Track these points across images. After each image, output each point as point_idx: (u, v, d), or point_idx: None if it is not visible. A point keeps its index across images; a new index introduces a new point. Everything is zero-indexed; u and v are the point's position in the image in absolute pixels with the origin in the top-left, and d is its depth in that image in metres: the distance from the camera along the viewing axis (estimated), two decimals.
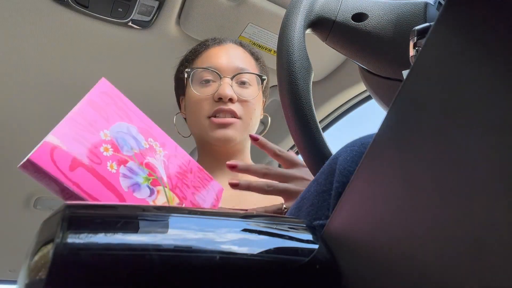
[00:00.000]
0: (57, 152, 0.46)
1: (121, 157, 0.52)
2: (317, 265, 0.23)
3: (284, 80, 0.44)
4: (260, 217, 0.28)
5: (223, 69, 0.80)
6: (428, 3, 0.46)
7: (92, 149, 0.49)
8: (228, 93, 0.77)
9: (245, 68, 0.82)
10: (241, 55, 0.85)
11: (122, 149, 0.53)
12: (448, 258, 0.17)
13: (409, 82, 0.19)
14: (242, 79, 0.82)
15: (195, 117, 0.82)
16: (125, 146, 0.53)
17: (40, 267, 0.19)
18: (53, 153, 0.46)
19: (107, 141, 0.52)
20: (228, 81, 0.79)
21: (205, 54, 0.85)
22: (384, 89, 0.52)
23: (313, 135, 0.43)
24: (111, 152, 0.51)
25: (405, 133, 0.20)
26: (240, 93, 0.80)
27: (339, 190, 0.29)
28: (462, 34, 0.17)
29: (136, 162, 0.54)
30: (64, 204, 0.22)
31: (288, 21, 0.46)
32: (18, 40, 1.13)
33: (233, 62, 0.82)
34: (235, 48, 0.86)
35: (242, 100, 0.80)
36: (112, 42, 1.16)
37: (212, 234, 0.23)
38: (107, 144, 0.51)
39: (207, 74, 0.81)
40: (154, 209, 0.25)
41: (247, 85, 0.82)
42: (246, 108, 0.81)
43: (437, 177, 0.18)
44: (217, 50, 0.84)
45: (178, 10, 1.08)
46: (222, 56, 0.83)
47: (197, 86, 0.81)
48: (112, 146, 0.52)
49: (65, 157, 0.47)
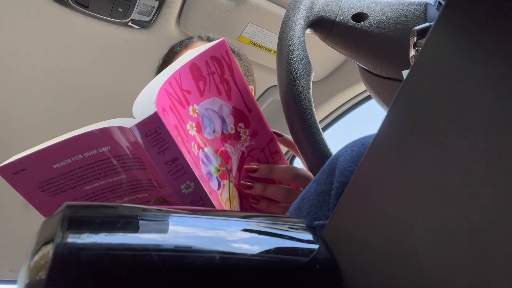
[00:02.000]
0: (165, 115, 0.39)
1: (201, 139, 0.45)
2: (317, 265, 0.23)
3: (284, 80, 0.44)
4: (260, 217, 0.28)
5: None
6: (428, 3, 0.46)
7: (182, 124, 0.42)
8: None
9: None
10: None
11: (205, 130, 0.46)
12: (448, 258, 0.17)
13: (409, 82, 0.19)
14: None
15: None
16: (208, 128, 0.46)
17: (40, 267, 0.19)
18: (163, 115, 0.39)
19: (194, 118, 0.45)
20: None
21: (174, 60, 0.81)
22: (384, 89, 0.52)
23: (313, 135, 0.43)
24: (194, 132, 0.45)
25: (405, 133, 0.20)
26: None
27: (339, 190, 0.29)
28: (462, 34, 0.17)
29: (213, 148, 0.47)
30: (64, 204, 0.22)
31: (288, 21, 0.46)
32: (17, 40, 1.13)
33: None
34: None
35: None
36: (112, 42, 1.16)
37: (212, 234, 0.23)
38: (193, 121, 0.45)
39: None
40: (154, 209, 0.25)
41: None
42: None
43: (437, 177, 0.18)
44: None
45: (178, 10, 1.08)
46: None
47: None
48: (196, 125, 0.45)
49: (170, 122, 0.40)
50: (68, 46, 1.17)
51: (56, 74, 1.27)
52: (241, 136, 0.50)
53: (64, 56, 1.21)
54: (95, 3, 1.02)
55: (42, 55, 1.19)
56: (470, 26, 0.16)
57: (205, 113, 0.46)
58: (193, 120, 0.45)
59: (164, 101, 0.40)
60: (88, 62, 1.24)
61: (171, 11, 1.07)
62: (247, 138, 0.50)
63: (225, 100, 0.48)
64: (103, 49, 1.19)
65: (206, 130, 0.46)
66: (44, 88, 1.32)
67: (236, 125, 0.49)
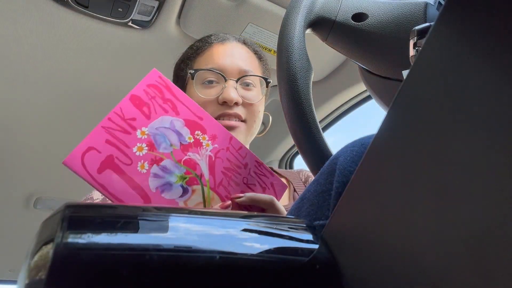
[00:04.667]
0: (88, 155, 0.48)
1: (155, 155, 0.51)
2: (317, 265, 0.23)
3: (284, 80, 0.44)
4: (260, 217, 0.28)
5: (228, 71, 0.78)
6: (428, 3, 0.46)
7: (124, 150, 0.50)
8: (234, 97, 0.75)
9: (249, 70, 0.80)
10: (245, 55, 0.83)
11: (159, 146, 0.52)
12: (448, 258, 0.17)
13: (409, 82, 0.19)
14: (246, 81, 0.80)
15: None
16: (163, 143, 0.52)
17: (40, 267, 0.19)
18: (84, 157, 0.48)
19: (143, 139, 0.51)
20: (233, 84, 0.77)
21: (208, 52, 0.82)
22: (384, 89, 0.52)
23: (313, 135, 0.43)
24: (145, 151, 0.51)
25: (405, 133, 0.20)
26: (245, 95, 0.78)
27: (339, 190, 0.29)
28: (462, 34, 0.17)
29: (173, 160, 0.52)
30: (64, 204, 0.22)
31: (288, 21, 0.46)
32: (17, 40, 1.13)
33: (237, 63, 0.79)
34: (239, 47, 0.84)
35: (246, 103, 0.78)
36: (112, 42, 1.16)
37: (212, 234, 0.23)
38: (142, 143, 0.51)
39: (210, 75, 0.79)
40: (154, 209, 0.25)
41: (251, 87, 0.80)
42: (251, 110, 0.79)
43: (437, 176, 0.18)
44: (221, 49, 0.82)
45: (178, 10, 1.08)
46: (226, 56, 0.80)
47: (200, 86, 0.79)
48: (148, 145, 0.51)
49: (95, 160, 0.48)
50: (68, 46, 1.17)
51: (56, 74, 1.27)
52: (202, 142, 0.55)
53: (64, 56, 1.21)
54: (95, 3, 1.02)
55: (42, 55, 1.19)
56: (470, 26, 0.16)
57: (156, 132, 0.52)
58: (143, 141, 0.51)
59: (98, 137, 0.49)
60: (88, 62, 1.24)
61: (171, 11, 1.07)
62: (208, 143, 0.55)
63: (174, 116, 0.54)
64: (103, 49, 1.19)
65: (162, 146, 0.52)
66: (44, 88, 1.32)
67: (193, 134, 0.54)
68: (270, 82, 0.83)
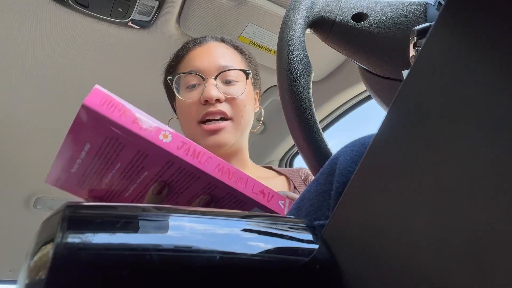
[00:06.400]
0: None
1: None
2: (317, 265, 0.23)
3: (284, 80, 0.44)
4: (260, 217, 0.28)
5: (205, 70, 0.78)
6: (428, 3, 0.46)
7: None
8: (214, 93, 0.75)
9: (228, 66, 0.79)
10: (223, 52, 0.82)
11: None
12: (448, 258, 0.17)
13: (409, 82, 0.19)
14: (227, 78, 0.79)
15: (186, 123, 0.81)
16: None
17: (40, 267, 0.19)
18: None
19: None
20: (213, 82, 0.76)
21: (187, 57, 0.83)
22: (384, 89, 0.52)
23: (313, 135, 0.43)
24: None
25: (405, 133, 0.20)
26: (227, 91, 0.78)
27: (339, 190, 0.29)
28: (462, 34, 0.17)
29: None
30: (64, 204, 0.22)
31: (288, 21, 0.46)
32: (17, 40, 1.13)
33: (215, 61, 0.79)
34: (216, 46, 0.84)
35: (229, 98, 0.78)
36: (112, 42, 1.16)
37: (212, 234, 0.23)
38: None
39: (191, 78, 0.79)
40: (154, 209, 0.25)
41: (233, 83, 0.80)
42: (235, 106, 0.78)
43: (437, 177, 0.18)
44: (199, 51, 0.82)
45: (178, 10, 1.08)
46: (203, 57, 0.80)
47: (184, 91, 0.80)
48: None
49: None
50: (68, 46, 1.17)
51: (56, 74, 1.27)
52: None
53: (64, 56, 1.21)
54: (95, 3, 1.02)
55: (42, 55, 1.19)
56: (470, 26, 0.16)
57: None
58: None
59: None
60: (88, 62, 1.24)
61: (171, 11, 1.07)
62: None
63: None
64: (103, 49, 1.19)
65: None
66: (43, 88, 1.32)
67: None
68: (249, 73, 0.82)
